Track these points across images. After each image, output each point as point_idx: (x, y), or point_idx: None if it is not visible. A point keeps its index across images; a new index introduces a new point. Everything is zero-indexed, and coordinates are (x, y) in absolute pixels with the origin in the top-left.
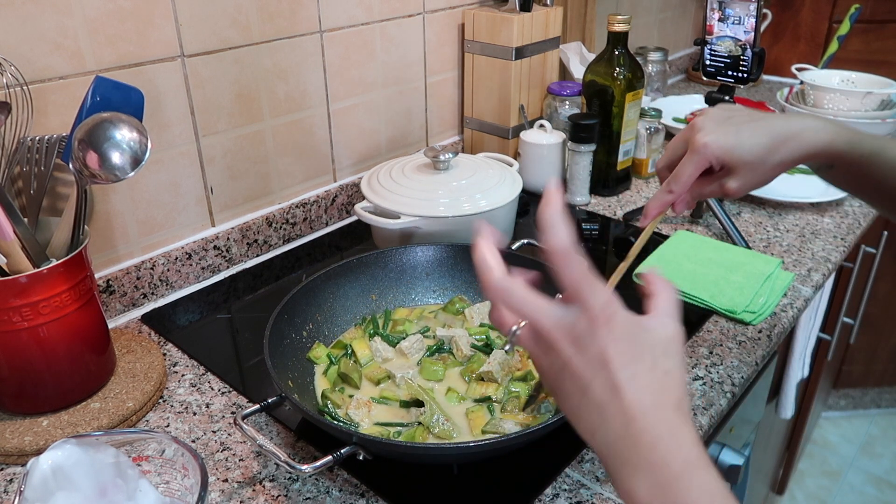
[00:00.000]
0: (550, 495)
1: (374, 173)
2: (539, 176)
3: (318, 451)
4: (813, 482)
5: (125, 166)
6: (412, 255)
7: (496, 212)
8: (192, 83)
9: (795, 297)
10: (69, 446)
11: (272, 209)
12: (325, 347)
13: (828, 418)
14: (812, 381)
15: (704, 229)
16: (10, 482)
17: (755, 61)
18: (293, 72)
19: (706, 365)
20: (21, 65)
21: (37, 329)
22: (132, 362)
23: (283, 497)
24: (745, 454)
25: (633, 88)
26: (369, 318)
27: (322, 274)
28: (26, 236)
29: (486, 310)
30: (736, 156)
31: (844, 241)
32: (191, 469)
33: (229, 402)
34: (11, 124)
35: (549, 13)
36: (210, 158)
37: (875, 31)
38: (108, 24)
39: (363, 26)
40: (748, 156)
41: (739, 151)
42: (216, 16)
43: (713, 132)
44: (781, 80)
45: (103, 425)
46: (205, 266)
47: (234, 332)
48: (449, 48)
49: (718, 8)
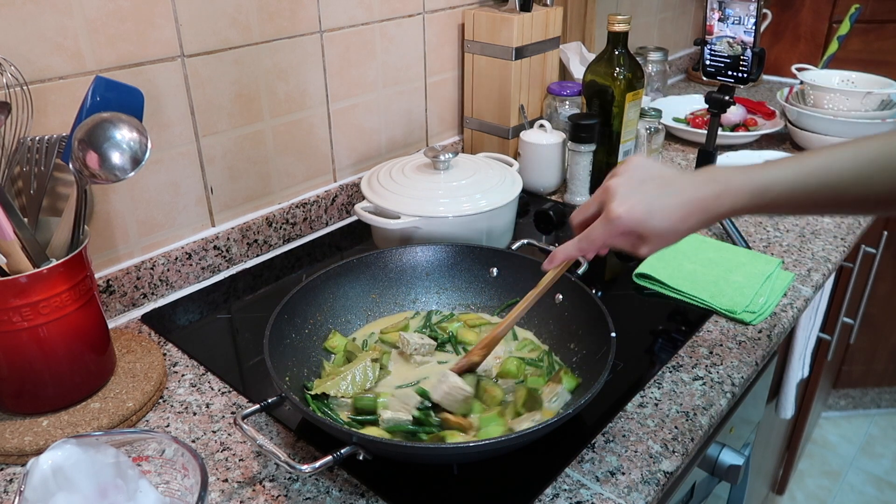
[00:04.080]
0: (550, 495)
1: (374, 173)
2: (539, 176)
3: (318, 451)
4: (813, 482)
5: (125, 166)
6: (412, 255)
7: (496, 212)
8: (192, 83)
9: (795, 297)
10: (69, 446)
11: (272, 209)
12: (342, 336)
13: (828, 418)
14: (812, 381)
15: (704, 229)
16: (10, 482)
17: (755, 61)
18: (293, 72)
19: (706, 365)
20: (21, 65)
21: (37, 329)
22: (132, 362)
23: (283, 497)
24: (745, 454)
25: (633, 88)
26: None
27: (322, 274)
28: (26, 236)
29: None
30: (648, 227)
31: (844, 241)
32: (191, 469)
33: (229, 402)
34: (11, 124)
35: (549, 13)
36: (210, 158)
37: (875, 31)
38: (108, 24)
39: (363, 26)
40: (659, 227)
41: (651, 223)
42: (216, 16)
43: (626, 202)
44: (781, 80)
45: (103, 425)
46: (205, 266)
47: (234, 332)
48: (449, 48)
49: (718, 8)
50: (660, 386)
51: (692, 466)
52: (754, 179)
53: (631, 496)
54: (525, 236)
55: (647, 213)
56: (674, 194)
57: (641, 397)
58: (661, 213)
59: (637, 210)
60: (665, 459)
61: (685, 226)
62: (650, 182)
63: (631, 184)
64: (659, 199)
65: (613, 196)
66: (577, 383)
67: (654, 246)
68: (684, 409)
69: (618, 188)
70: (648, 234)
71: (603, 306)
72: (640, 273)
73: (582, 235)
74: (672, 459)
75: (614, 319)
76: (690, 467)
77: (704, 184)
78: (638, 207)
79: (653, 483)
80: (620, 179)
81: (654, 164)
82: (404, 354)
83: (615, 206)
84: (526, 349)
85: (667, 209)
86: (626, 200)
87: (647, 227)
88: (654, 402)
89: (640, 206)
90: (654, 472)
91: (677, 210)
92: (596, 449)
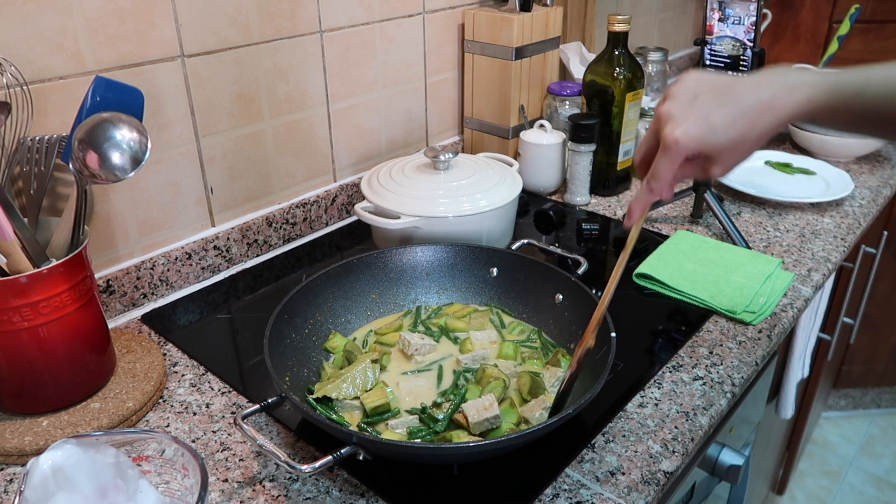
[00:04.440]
0: (550, 495)
1: (374, 173)
2: (539, 176)
3: (318, 451)
4: (813, 482)
5: (125, 166)
6: (412, 255)
7: (496, 212)
8: (192, 83)
9: (795, 297)
10: (69, 446)
11: (272, 209)
12: (342, 337)
13: (828, 418)
14: (812, 381)
15: (704, 229)
16: (10, 482)
17: (755, 61)
18: (293, 72)
19: (706, 365)
20: (21, 65)
21: (37, 329)
22: (132, 362)
23: (283, 497)
24: (745, 454)
25: (633, 88)
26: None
27: (322, 274)
28: (26, 236)
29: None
30: (711, 144)
31: (844, 241)
32: (191, 469)
33: (229, 402)
34: (11, 124)
35: (549, 13)
36: (210, 158)
37: (875, 31)
38: (108, 24)
39: (363, 26)
40: (724, 141)
41: (714, 139)
42: (216, 16)
43: (682, 123)
44: None
45: (103, 425)
46: (205, 266)
47: (234, 332)
48: (449, 48)
49: (718, 8)
50: (660, 386)
51: (692, 466)
52: (829, 75)
53: (631, 496)
54: (525, 236)
55: (707, 129)
56: (732, 103)
57: (641, 397)
58: (724, 124)
59: (695, 129)
60: (665, 459)
61: (755, 132)
62: (705, 95)
63: (683, 102)
64: (718, 110)
65: (668, 119)
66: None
67: (726, 164)
68: (684, 409)
69: (671, 110)
70: (715, 153)
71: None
72: (640, 273)
73: (649, 175)
74: (672, 459)
75: (614, 319)
76: (690, 467)
77: (771, 82)
78: (695, 126)
79: (653, 483)
80: (672, 101)
81: (708, 75)
82: (405, 353)
83: (669, 130)
84: (516, 331)
85: (729, 118)
86: (682, 121)
87: (710, 144)
88: (654, 402)
89: (698, 123)
90: (654, 472)
91: (742, 116)
92: (596, 449)
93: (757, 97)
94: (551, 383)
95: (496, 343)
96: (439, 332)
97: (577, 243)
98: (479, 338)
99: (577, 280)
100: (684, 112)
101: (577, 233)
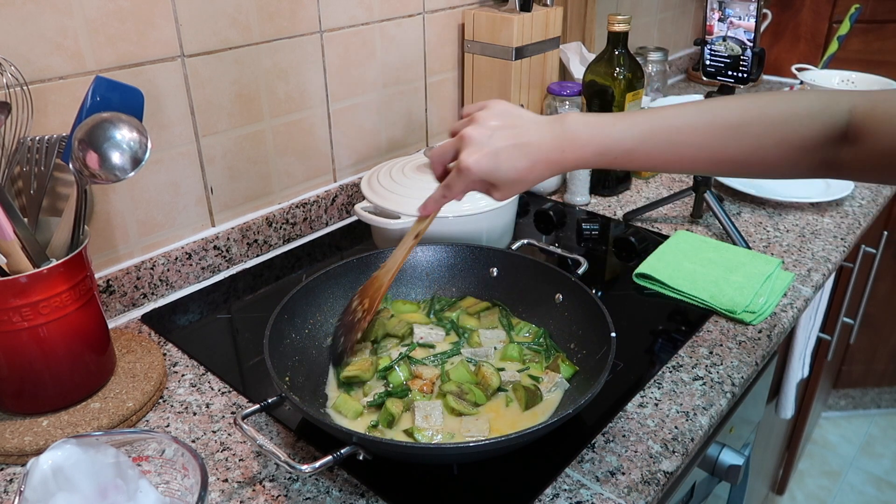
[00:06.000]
0: (550, 495)
1: (374, 173)
2: None
3: (318, 451)
4: (813, 482)
5: (125, 166)
6: (412, 255)
7: (496, 212)
8: (192, 83)
9: (795, 297)
10: (69, 446)
11: (272, 209)
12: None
13: (828, 418)
14: (812, 381)
15: (704, 229)
16: (10, 482)
17: (755, 61)
18: (293, 72)
19: (706, 365)
20: (21, 65)
21: (37, 329)
22: (132, 362)
23: (283, 497)
24: (745, 454)
25: (633, 88)
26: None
27: (322, 274)
28: (26, 236)
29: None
30: (495, 178)
31: (844, 241)
32: (191, 469)
33: (229, 402)
34: (11, 124)
35: (549, 13)
36: (210, 158)
37: (875, 31)
38: (108, 24)
39: (363, 26)
40: (505, 179)
41: (498, 175)
42: (216, 16)
43: (475, 153)
44: (781, 80)
45: (103, 425)
46: (205, 266)
47: (234, 332)
48: (449, 48)
49: (718, 8)
50: (660, 386)
51: (692, 466)
52: (601, 135)
53: (631, 496)
54: (525, 236)
55: (494, 165)
56: (522, 146)
57: (641, 397)
58: (508, 164)
59: (484, 162)
60: (665, 459)
61: (532, 176)
62: (502, 132)
63: (483, 133)
64: (506, 151)
65: (466, 145)
66: (574, 371)
67: (505, 193)
68: (684, 409)
69: (471, 137)
70: (498, 184)
71: (603, 306)
72: (640, 273)
73: (444, 184)
74: (672, 459)
75: (614, 319)
76: (690, 467)
77: (553, 138)
78: (485, 160)
79: (653, 483)
80: (475, 128)
81: (513, 111)
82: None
83: (465, 155)
84: (523, 332)
85: (513, 160)
86: (476, 151)
87: (494, 177)
88: (654, 402)
89: (487, 158)
90: (654, 472)
91: (523, 162)
92: (596, 449)
93: (538, 150)
94: (548, 388)
95: (504, 342)
96: (450, 325)
97: (577, 243)
98: (488, 336)
99: (577, 280)
100: (481, 143)
101: (577, 233)
